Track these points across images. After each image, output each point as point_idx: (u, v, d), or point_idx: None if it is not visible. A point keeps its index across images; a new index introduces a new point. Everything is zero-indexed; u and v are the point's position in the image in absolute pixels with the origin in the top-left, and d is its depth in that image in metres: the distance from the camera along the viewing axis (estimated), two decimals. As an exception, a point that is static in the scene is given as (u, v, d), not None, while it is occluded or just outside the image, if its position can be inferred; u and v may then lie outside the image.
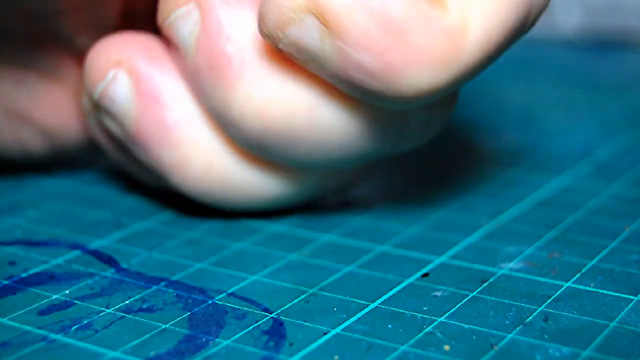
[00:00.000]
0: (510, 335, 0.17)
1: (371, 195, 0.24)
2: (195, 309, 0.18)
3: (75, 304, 0.19)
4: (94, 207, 0.24)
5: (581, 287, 0.19)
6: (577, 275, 0.19)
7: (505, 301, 0.18)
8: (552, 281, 0.19)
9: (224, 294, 0.19)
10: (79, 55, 0.23)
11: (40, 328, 0.18)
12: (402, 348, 0.17)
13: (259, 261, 0.21)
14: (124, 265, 0.21)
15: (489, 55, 0.17)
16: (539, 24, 0.19)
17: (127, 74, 0.21)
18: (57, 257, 0.21)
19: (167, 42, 0.21)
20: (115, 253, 0.21)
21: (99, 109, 0.22)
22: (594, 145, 0.28)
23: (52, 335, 0.17)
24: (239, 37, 0.19)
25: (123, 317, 0.18)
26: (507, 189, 0.25)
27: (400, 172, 0.26)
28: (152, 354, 0.17)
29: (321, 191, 0.22)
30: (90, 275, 0.20)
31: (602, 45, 0.43)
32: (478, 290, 0.19)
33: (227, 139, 0.21)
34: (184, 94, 0.21)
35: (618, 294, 0.18)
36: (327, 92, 0.19)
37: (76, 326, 0.18)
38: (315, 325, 0.18)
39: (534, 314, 0.18)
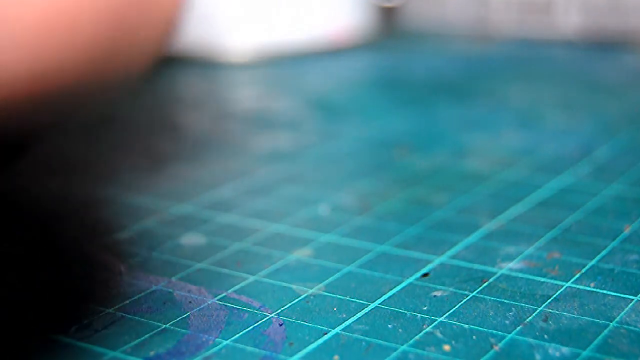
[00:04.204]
0: (510, 335, 0.17)
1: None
2: (195, 309, 0.18)
3: (75, 304, 0.19)
4: (95, 207, 0.24)
5: (581, 287, 0.19)
6: (577, 275, 0.19)
7: (505, 301, 0.18)
8: (552, 281, 0.19)
9: (224, 294, 0.19)
10: None
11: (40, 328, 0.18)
12: (402, 348, 0.17)
13: (259, 261, 0.21)
14: (124, 265, 0.21)
15: None
16: (539, 24, 0.19)
17: None
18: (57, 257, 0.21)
19: None
20: (115, 253, 0.21)
21: None
22: (594, 145, 0.28)
23: (52, 336, 0.17)
24: None
25: (123, 317, 0.18)
26: (507, 189, 0.25)
27: (397, 173, 0.26)
28: (152, 354, 0.17)
29: None
30: (91, 275, 0.20)
31: (602, 45, 0.43)
32: (478, 290, 0.19)
33: None
34: None
35: (618, 294, 0.18)
36: None
37: (76, 326, 0.18)
38: (315, 325, 0.18)
39: (534, 314, 0.18)
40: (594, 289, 0.19)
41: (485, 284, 0.19)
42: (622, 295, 0.18)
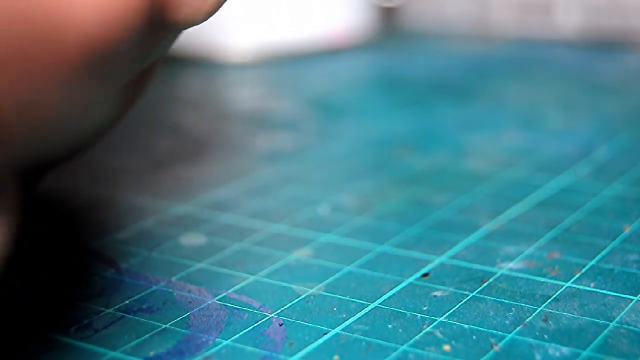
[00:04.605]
0: (510, 335, 0.17)
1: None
2: (195, 309, 0.18)
3: (75, 304, 0.19)
4: (94, 207, 0.24)
5: (581, 287, 0.19)
6: (577, 276, 0.19)
7: (505, 301, 0.18)
8: (552, 281, 0.19)
9: (224, 294, 0.19)
10: None
11: (40, 328, 0.18)
12: (402, 348, 0.17)
13: (259, 261, 0.21)
14: (124, 265, 0.21)
15: None
16: (539, 24, 0.19)
17: None
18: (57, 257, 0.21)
19: None
20: (115, 253, 0.21)
21: None
22: (594, 145, 0.28)
23: (52, 336, 0.17)
24: None
25: (123, 317, 0.18)
26: (507, 189, 0.25)
27: (397, 173, 0.26)
28: (152, 354, 0.17)
29: None
30: (91, 275, 0.20)
31: (602, 45, 0.43)
32: (478, 290, 0.19)
33: None
34: None
35: (618, 294, 0.18)
36: None
37: (76, 326, 0.18)
38: (315, 325, 0.18)
39: (534, 314, 0.18)
40: (594, 289, 0.19)
41: (485, 284, 0.19)
42: (622, 295, 0.18)
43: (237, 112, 0.34)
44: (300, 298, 0.19)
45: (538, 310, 0.18)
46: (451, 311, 0.18)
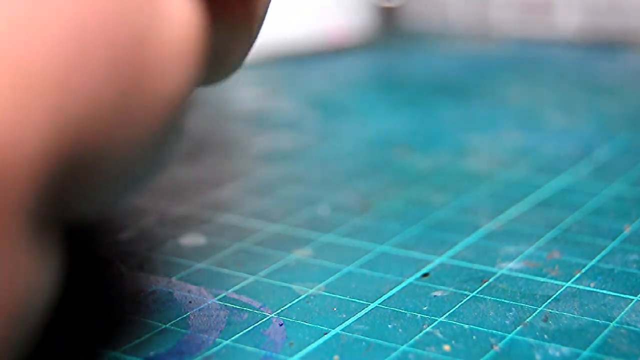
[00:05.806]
0: (510, 335, 0.17)
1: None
2: (195, 309, 0.18)
3: (75, 304, 0.19)
4: (94, 207, 0.24)
5: (581, 287, 0.19)
6: (577, 276, 0.19)
7: (505, 301, 0.18)
8: (552, 281, 0.19)
9: (224, 294, 0.19)
10: None
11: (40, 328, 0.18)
12: (402, 348, 0.17)
13: (259, 261, 0.21)
14: (124, 265, 0.21)
15: None
16: (539, 24, 0.19)
17: None
18: (57, 257, 0.21)
19: None
20: (115, 253, 0.21)
21: None
22: (594, 145, 0.28)
23: (52, 336, 0.17)
24: None
25: (123, 317, 0.18)
26: (507, 189, 0.25)
27: (397, 173, 0.26)
28: (152, 354, 0.17)
29: None
30: (91, 275, 0.20)
31: (602, 45, 0.43)
32: (478, 290, 0.19)
33: None
34: None
35: (618, 294, 0.18)
36: None
37: (75, 326, 0.18)
38: (315, 325, 0.18)
39: (534, 314, 0.18)
40: (594, 289, 0.19)
41: (485, 284, 0.19)
42: (622, 295, 0.18)
43: (237, 112, 0.34)
44: (300, 298, 0.19)
45: (538, 310, 0.18)
46: (451, 311, 0.18)
